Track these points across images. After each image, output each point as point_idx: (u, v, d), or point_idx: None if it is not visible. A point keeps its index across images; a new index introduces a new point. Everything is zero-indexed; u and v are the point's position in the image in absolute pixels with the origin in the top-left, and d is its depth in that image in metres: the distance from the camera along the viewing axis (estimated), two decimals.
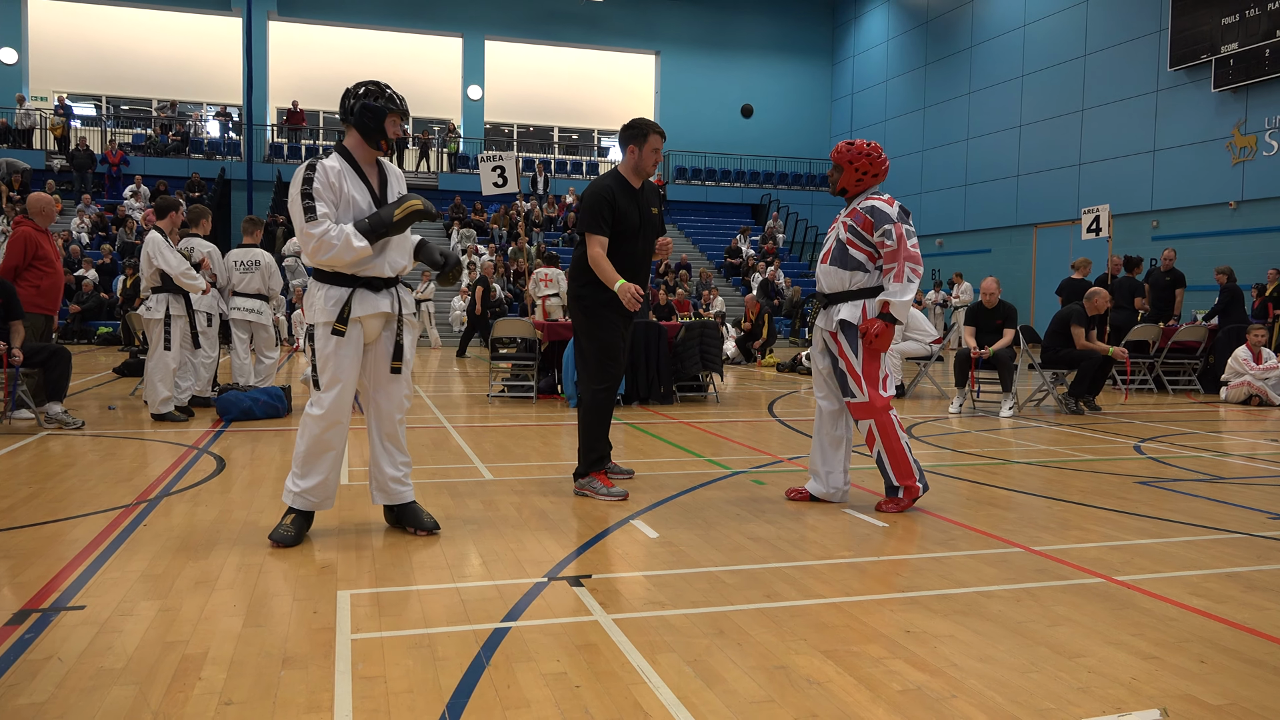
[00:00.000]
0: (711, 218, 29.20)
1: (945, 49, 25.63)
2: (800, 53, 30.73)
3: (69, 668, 2.66)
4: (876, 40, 28.79)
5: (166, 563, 3.68)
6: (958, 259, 24.16)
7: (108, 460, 5.98)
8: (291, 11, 27.10)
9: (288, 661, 2.73)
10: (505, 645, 2.87)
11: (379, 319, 4.05)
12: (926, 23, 26.41)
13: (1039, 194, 22.34)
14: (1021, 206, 22.91)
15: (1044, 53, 22.15)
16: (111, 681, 2.58)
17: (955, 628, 3.07)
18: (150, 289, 7.72)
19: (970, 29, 24.69)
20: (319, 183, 3.83)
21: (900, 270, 4.56)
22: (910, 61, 27.13)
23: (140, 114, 27.81)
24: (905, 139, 27.21)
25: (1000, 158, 23.54)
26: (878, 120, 28.61)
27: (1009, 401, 9.05)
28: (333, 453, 4.02)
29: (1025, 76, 22.73)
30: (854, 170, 4.78)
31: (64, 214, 21.87)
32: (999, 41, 23.63)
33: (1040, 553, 4.01)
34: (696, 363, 9.79)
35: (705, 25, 29.94)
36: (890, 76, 28.06)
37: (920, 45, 26.70)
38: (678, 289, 20.49)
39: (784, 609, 3.24)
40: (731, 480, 5.58)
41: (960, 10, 25.05)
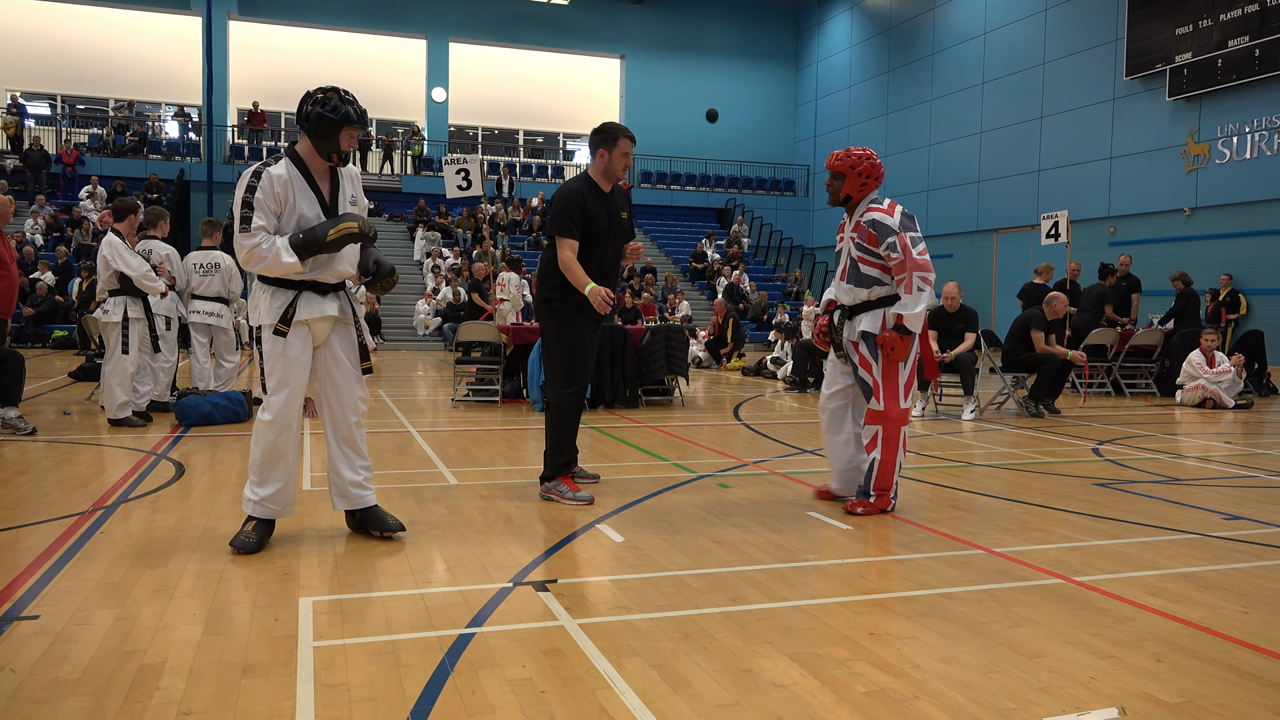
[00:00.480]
0: (677, 221, 29.27)
1: (907, 56, 25.91)
2: (765, 58, 30.91)
3: (22, 679, 2.61)
4: (840, 46, 29.04)
5: (124, 570, 3.62)
6: None
7: (63, 466, 5.86)
8: (252, 11, 26.79)
9: (248, 670, 2.70)
10: (470, 651, 2.86)
11: (326, 322, 4.02)
12: (889, 30, 26.69)
13: (999, 200, 22.65)
14: (982, 212, 23.21)
15: (1004, 60, 22.47)
16: (67, 692, 2.53)
17: (918, 629, 3.10)
18: (107, 292, 7.59)
19: (932, 36, 24.98)
20: (261, 192, 3.80)
21: (910, 281, 4.56)
22: (873, 68, 27.40)
23: (97, 113, 27.33)
24: (868, 144, 27.40)
25: (962, 164, 23.84)
26: (841, 126, 28.85)
27: (970, 405, 9.16)
28: (286, 459, 3.97)
29: (986, 84, 23.04)
30: (857, 175, 4.76)
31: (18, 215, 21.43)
32: (960, 49, 23.94)
33: (1001, 554, 4.06)
34: (662, 366, 9.80)
35: (670, 29, 30.03)
36: (854, 82, 28.31)
37: (883, 52, 26.97)
38: (643, 293, 20.52)
39: (749, 612, 3.25)
40: (697, 484, 5.60)
41: (922, 18, 25.35)
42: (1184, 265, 17.81)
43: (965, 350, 9.26)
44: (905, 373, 4.72)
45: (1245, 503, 5.29)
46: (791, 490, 5.42)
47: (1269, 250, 16.74)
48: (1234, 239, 17.34)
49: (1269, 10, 16.43)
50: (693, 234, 28.15)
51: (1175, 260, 18.06)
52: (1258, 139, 16.84)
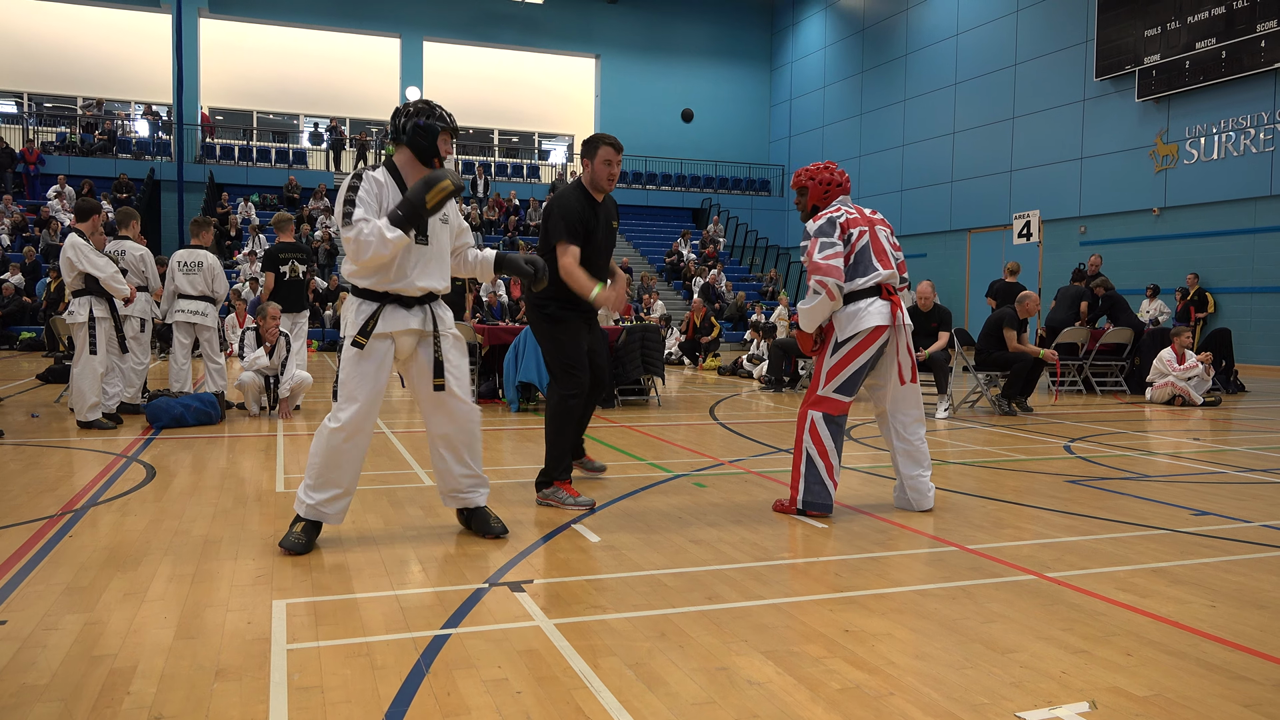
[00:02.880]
0: (653, 221, 29.29)
1: (881, 56, 26.06)
2: (739, 58, 30.99)
3: None
4: (814, 47, 29.16)
5: (93, 575, 3.57)
6: None
7: (31, 470, 5.78)
8: (223, 9, 26.53)
9: (221, 673, 2.67)
10: (445, 652, 2.84)
11: (411, 336, 4.02)
12: (862, 30, 26.83)
13: (972, 199, 22.84)
14: (955, 212, 23.40)
15: (976, 61, 22.66)
16: (35, 698, 2.49)
17: (892, 626, 3.12)
18: (73, 292, 7.50)
19: (905, 37, 25.14)
20: (364, 190, 3.84)
21: (809, 280, 4.63)
22: (847, 68, 27.53)
23: (65, 112, 26.96)
24: (842, 145, 27.59)
25: (934, 164, 24.01)
26: (815, 126, 28.98)
27: (944, 403, 9.23)
28: (348, 468, 3.96)
29: (958, 84, 23.21)
30: (819, 186, 4.81)
31: None
32: (933, 50, 24.11)
33: (975, 551, 4.10)
34: (638, 366, 9.80)
35: (645, 29, 30.04)
36: (828, 83, 28.43)
37: (856, 52, 27.11)
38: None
39: (725, 610, 3.26)
40: (673, 484, 5.60)
41: (895, 18, 25.50)
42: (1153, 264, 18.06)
43: (939, 349, 9.33)
44: (828, 367, 4.67)
45: (1213, 498, 5.37)
46: (767, 489, 5.44)
47: (1235, 249, 16.99)
48: (1202, 238, 17.59)
49: (1236, 13, 16.68)
50: (668, 234, 28.18)
51: (1144, 260, 18.30)
52: (1225, 140, 17.09)
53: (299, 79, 28.30)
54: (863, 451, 7.05)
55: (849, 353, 4.62)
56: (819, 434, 4.61)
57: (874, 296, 4.65)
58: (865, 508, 4.95)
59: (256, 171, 25.72)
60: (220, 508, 4.77)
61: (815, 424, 4.61)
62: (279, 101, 28.64)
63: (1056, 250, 19.83)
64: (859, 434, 7.95)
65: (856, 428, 8.32)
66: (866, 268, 4.66)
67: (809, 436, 4.62)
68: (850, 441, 7.55)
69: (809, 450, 4.62)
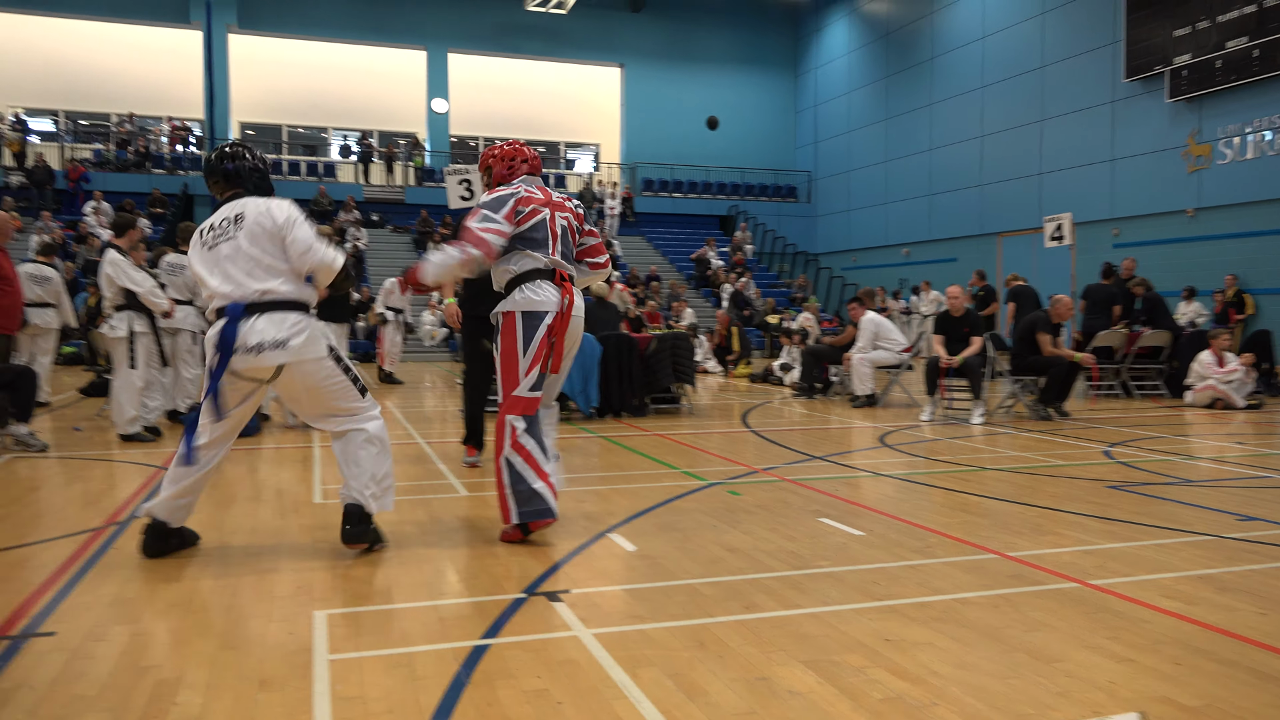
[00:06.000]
0: (680, 229, 29.28)
1: (906, 61, 25.93)
2: (764, 65, 30.94)
3: (41, 696, 2.61)
4: (839, 52, 29.06)
5: (138, 586, 3.62)
6: (923, 268, 24.41)
7: (75, 483, 5.87)
8: (252, 24, 26.87)
9: (265, 684, 2.70)
10: (485, 663, 2.85)
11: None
12: (887, 35, 26.71)
13: (1002, 203, 22.64)
14: (985, 216, 23.20)
15: (1003, 64, 22.48)
16: (85, 709, 2.53)
17: (934, 635, 3.09)
18: (113, 307, 7.61)
19: (930, 41, 25.00)
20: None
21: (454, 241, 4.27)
22: (872, 73, 27.41)
23: (100, 129, 27.41)
24: (869, 150, 27.47)
25: (963, 168, 23.83)
26: (841, 131, 28.87)
27: (979, 409, 9.14)
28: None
29: (985, 88, 23.04)
30: (502, 163, 4.56)
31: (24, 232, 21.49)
32: (959, 53, 23.95)
33: (1015, 558, 4.05)
34: (669, 374, 9.80)
35: (669, 38, 30.07)
36: (853, 88, 28.32)
37: (881, 57, 26.99)
38: (648, 300, 20.51)
39: (764, 620, 3.25)
40: (707, 492, 5.59)
41: (920, 23, 25.37)
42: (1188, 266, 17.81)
43: (972, 354, 9.25)
44: (519, 362, 4.28)
45: (1259, 503, 5.27)
46: (802, 497, 5.41)
47: (1274, 250, 16.71)
48: (1238, 239, 17.31)
49: (1267, 11, 16.43)
50: (696, 242, 28.16)
51: (1179, 261, 18.04)
52: (1259, 139, 16.83)
53: (327, 93, 28.59)
54: (896, 458, 7.00)
55: (538, 346, 4.25)
56: (521, 441, 4.21)
57: (547, 280, 4.33)
58: (902, 515, 4.91)
59: (287, 185, 25.99)
60: (259, 519, 4.82)
61: (518, 431, 4.21)
62: (308, 115, 28.96)
63: (1089, 253, 19.58)
64: (893, 440, 7.90)
65: (891, 434, 8.27)
66: (537, 246, 4.33)
67: (511, 446, 4.20)
68: (885, 449, 7.51)
69: (512, 460, 4.19)
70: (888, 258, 26.37)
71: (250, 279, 3.90)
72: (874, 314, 11.00)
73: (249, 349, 3.87)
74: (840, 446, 7.65)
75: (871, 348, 10.74)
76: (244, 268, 3.91)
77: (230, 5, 26.26)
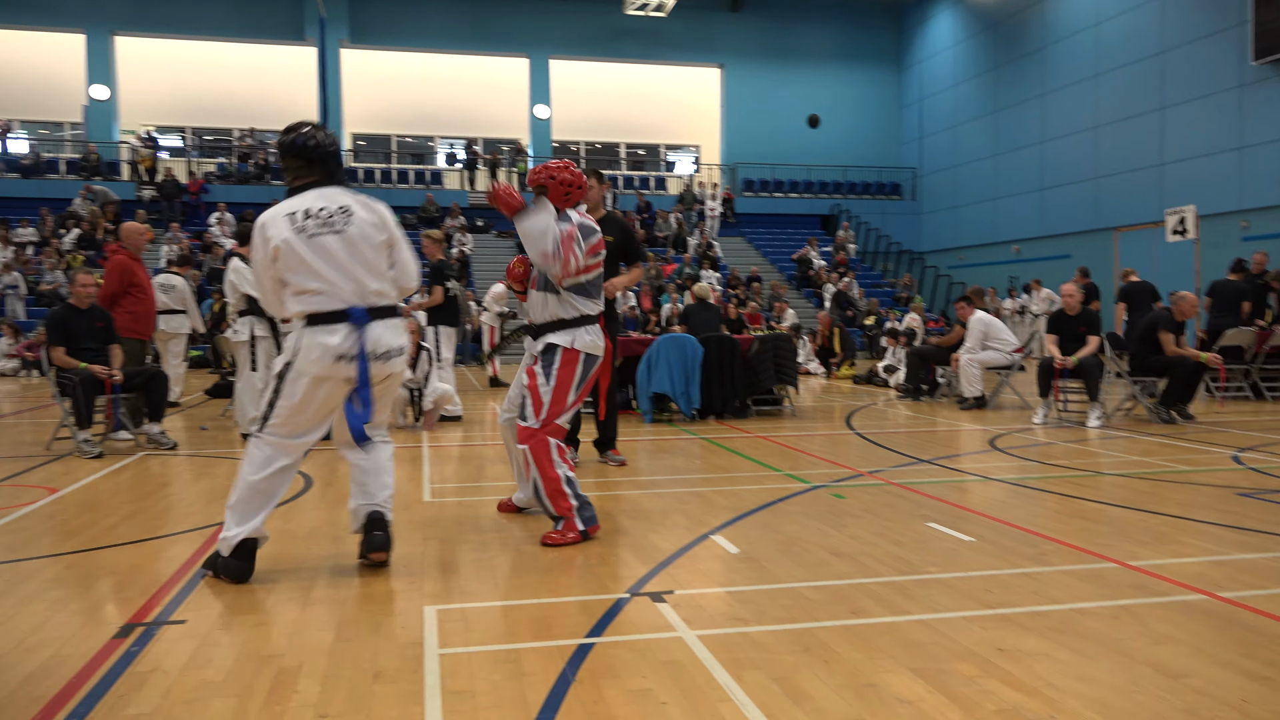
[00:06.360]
0: (781, 229, 29.01)
1: (1015, 51, 25.11)
2: (866, 60, 30.40)
3: (172, 680, 2.75)
4: (944, 45, 28.34)
5: (260, 578, 3.78)
6: (1035, 265, 23.59)
7: (202, 479, 6.18)
8: (363, 39, 27.78)
9: (379, 675, 2.78)
10: (590, 661, 2.88)
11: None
12: (995, 25, 25.92)
13: (1119, 196, 21.70)
14: (1101, 210, 22.28)
15: (1119, 51, 21.54)
16: (212, 694, 2.66)
17: (1050, 645, 2.98)
18: (237, 313, 7.97)
19: (1041, 30, 24.15)
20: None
21: (550, 238, 4.27)
22: (979, 65, 26.64)
23: (223, 144, 28.77)
24: (977, 144, 26.71)
25: (1076, 160, 22.93)
26: (947, 126, 28.15)
27: (1096, 411, 8.79)
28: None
29: (1099, 76, 22.13)
30: (560, 186, 4.44)
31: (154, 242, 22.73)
32: (1071, 41, 23.07)
33: (1137, 568, 3.88)
34: (771, 376, 9.72)
35: (769, 37, 29.83)
36: (959, 81, 27.58)
37: (989, 48, 26.20)
38: (749, 302, 20.40)
39: (871, 626, 3.19)
40: (811, 494, 5.52)
41: (1029, 11, 24.54)
42: None
43: (1089, 354, 8.90)
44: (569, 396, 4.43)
45: None
46: (909, 500, 5.30)
47: None
48: None
49: None
50: (797, 242, 27.85)
51: None
52: None
53: (434, 102, 29.35)
54: (1008, 462, 6.78)
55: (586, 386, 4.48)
56: (566, 458, 4.40)
57: (598, 325, 4.52)
58: (1014, 521, 4.76)
59: (396, 193, 26.79)
60: None
61: (564, 450, 4.40)
62: (416, 125, 29.79)
63: (1215, 247, 18.60)
64: (1003, 444, 7.66)
65: (1001, 437, 8.02)
66: (590, 295, 4.49)
67: (563, 460, 4.35)
68: (995, 452, 7.29)
69: (564, 473, 4.33)
70: (997, 255, 25.60)
71: (370, 279, 3.70)
72: (983, 313, 10.68)
73: (378, 356, 3.69)
74: (948, 449, 7.46)
75: (980, 348, 10.44)
76: (363, 266, 3.68)
77: (343, 22, 27.23)
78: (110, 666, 2.85)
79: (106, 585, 3.75)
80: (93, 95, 26.36)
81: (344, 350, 3.63)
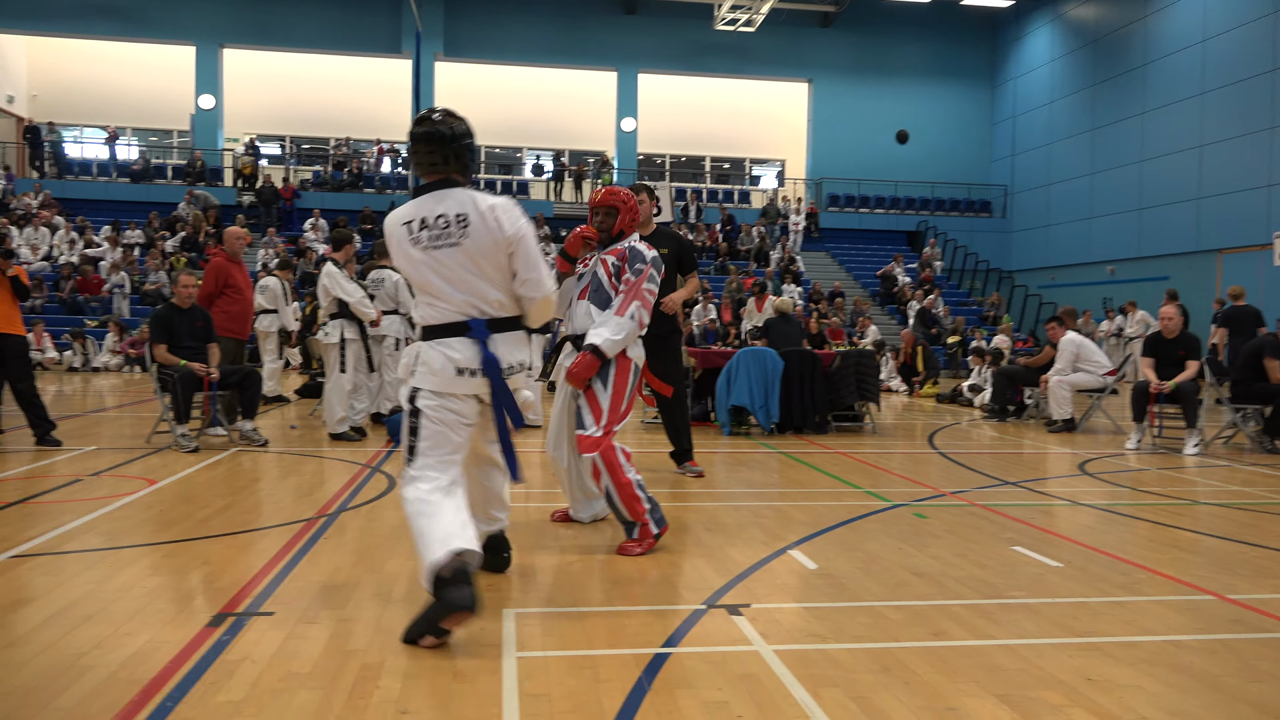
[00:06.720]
0: (865, 245, 28.64)
1: (1116, 68, 24.37)
2: (958, 76, 29.86)
3: (261, 670, 2.84)
4: (1040, 61, 27.67)
5: (345, 575, 3.88)
6: (1131, 286, 22.80)
7: (290, 476, 6.37)
8: (457, 52, 28.40)
9: (458, 675, 2.83)
10: (666, 670, 2.88)
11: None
12: (1095, 41, 25.21)
13: (1223, 217, 20.85)
14: (1203, 231, 21.44)
15: (1227, 68, 20.74)
16: (299, 685, 2.74)
17: (1142, 677, 2.88)
18: (328, 316, 8.21)
19: (1143, 46, 23.40)
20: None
21: (625, 305, 4.45)
22: (1077, 81, 25.93)
23: (319, 152, 29.72)
24: (1072, 162, 25.98)
25: (1178, 180, 22.12)
26: (1042, 143, 27.44)
27: (1194, 438, 8.44)
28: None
29: (1205, 94, 21.33)
30: (631, 214, 4.72)
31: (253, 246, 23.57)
32: (1176, 58, 22.30)
33: (1236, 601, 3.71)
34: (852, 392, 9.60)
35: (859, 51, 29.53)
36: (1055, 98, 26.89)
37: (1088, 64, 25.49)
38: (831, 317, 20.18)
39: (952, 648, 3.12)
40: (891, 513, 5.43)
41: (1132, 27, 23.81)
42: None
43: (1187, 379, 8.56)
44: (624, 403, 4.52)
45: None
46: (993, 523, 5.17)
47: None
48: None
49: None
50: (882, 258, 27.46)
51: None
52: None
53: (523, 114, 29.85)
54: (1098, 487, 6.56)
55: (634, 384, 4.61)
56: (631, 462, 4.45)
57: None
58: (1105, 548, 4.60)
59: None
60: None
61: (627, 454, 4.44)
62: (505, 136, 30.32)
63: None
64: (1093, 468, 7.41)
65: (1091, 462, 7.77)
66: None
67: (628, 465, 4.40)
68: (1085, 476, 7.06)
69: (634, 478, 4.39)
70: (1090, 275, 24.83)
71: (491, 290, 3.42)
72: (1075, 334, 10.37)
73: (505, 370, 3.46)
74: (1035, 472, 7.25)
75: (1071, 370, 10.13)
76: (483, 278, 3.41)
77: (438, 35, 27.89)
78: (202, 654, 2.96)
79: (200, 575, 3.89)
80: (200, 105, 27.50)
81: (464, 364, 3.37)
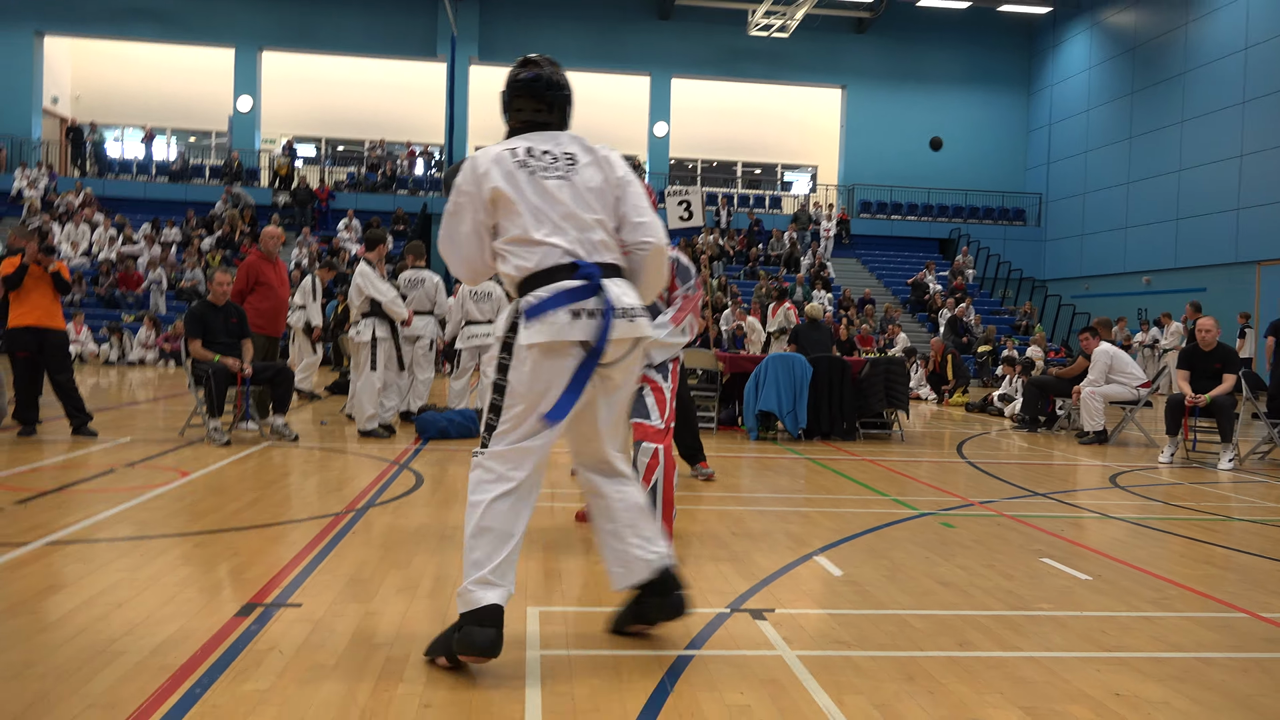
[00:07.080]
0: (897, 252, 28.47)
1: (1154, 76, 24.08)
2: (993, 83, 29.62)
3: (288, 660, 2.87)
4: (1077, 68, 27.39)
5: (372, 569, 3.92)
6: (1167, 298, 22.50)
7: (320, 471, 6.44)
8: (491, 56, 28.58)
9: (481, 672, 2.84)
10: (689, 673, 2.88)
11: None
12: (1133, 49, 24.92)
13: (1263, 228, 20.52)
14: (1242, 242, 21.11)
15: (1270, 76, 20.42)
16: (324, 676, 2.76)
17: (1171, 694, 2.84)
18: (360, 314, 8.29)
19: (1183, 54, 23.10)
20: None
21: (681, 316, 4.55)
22: (1115, 90, 25.64)
23: (354, 154, 30.02)
24: (1108, 171, 25.69)
25: (1217, 190, 21.80)
26: (1078, 151, 27.16)
27: (1229, 453, 8.32)
28: None
29: (1247, 103, 21.01)
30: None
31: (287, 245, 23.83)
32: (1216, 66, 21.99)
33: (1271, 620, 3.65)
34: (881, 399, 9.54)
35: (894, 58, 29.38)
36: (1092, 106, 26.60)
37: (1126, 72, 25.20)
38: (862, 324, 20.09)
39: (978, 659, 3.09)
40: (919, 521, 5.39)
41: (1172, 34, 23.51)
42: None
43: (1223, 392, 8.44)
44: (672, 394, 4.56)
45: None
46: (1021, 534, 5.12)
47: None
48: None
49: None
50: (913, 265, 27.29)
51: None
52: None
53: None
54: (1129, 500, 6.48)
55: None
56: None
57: None
58: (1135, 562, 4.55)
59: None
60: None
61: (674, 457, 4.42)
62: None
63: None
64: (1125, 481, 7.32)
65: (1123, 474, 7.67)
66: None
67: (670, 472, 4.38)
68: (1116, 489, 6.98)
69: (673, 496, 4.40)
70: (1125, 285, 24.52)
71: (598, 231, 2.95)
72: (1109, 345, 10.25)
73: (622, 313, 2.88)
74: (1065, 484, 7.17)
75: (1104, 381, 10.01)
76: (591, 214, 2.95)
77: (473, 39, 28.10)
78: (231, 643, 3.00)
79: (229, 566, 3.94)
80: (238, 106, 27.87)
81: (581, 306, 2.84)
